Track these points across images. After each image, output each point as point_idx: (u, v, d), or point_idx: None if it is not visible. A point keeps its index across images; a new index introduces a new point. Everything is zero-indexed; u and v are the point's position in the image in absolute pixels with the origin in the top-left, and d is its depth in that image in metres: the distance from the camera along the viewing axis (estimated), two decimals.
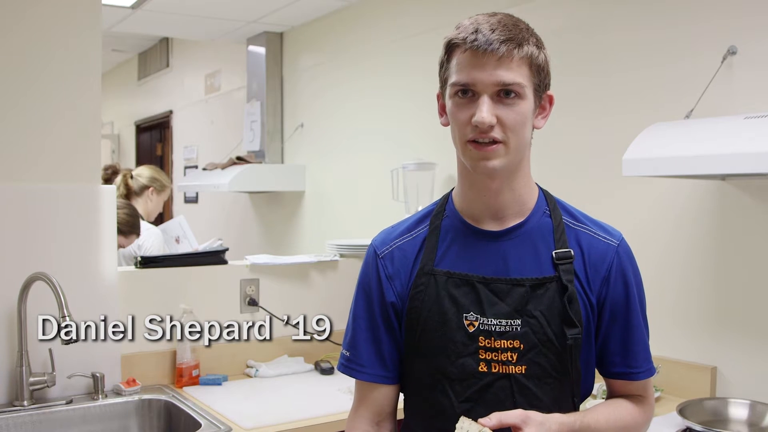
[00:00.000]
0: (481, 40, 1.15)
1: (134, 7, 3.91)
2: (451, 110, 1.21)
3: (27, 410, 2.11)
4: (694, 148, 1.88)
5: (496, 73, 1.15)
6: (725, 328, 2.20)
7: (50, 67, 2.24)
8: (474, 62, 1.16)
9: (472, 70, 1.16)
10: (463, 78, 1.17)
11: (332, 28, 3.98)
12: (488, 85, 1.15)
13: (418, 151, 3.25)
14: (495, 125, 1.16)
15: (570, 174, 2.60)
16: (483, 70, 1.15)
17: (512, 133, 1.18)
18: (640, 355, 1.27)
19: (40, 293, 2.11)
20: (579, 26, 2.60)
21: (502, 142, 1.17)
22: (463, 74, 1.17)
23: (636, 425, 1.28)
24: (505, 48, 1.15)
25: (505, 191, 1.25)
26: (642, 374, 1.27)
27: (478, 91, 1.16)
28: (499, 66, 1.15)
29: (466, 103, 1.18)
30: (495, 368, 1.21)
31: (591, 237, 1.28)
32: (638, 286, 1.29)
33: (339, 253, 2.96)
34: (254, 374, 2.59)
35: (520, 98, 1.17)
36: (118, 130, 7.27)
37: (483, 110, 1.15)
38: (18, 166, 2.20)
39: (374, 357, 1.29)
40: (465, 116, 1.17)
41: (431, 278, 1.25)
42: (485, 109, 1.15)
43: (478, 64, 1.16)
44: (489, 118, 1.15)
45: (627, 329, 1.26)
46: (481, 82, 1.15)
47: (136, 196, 3.62)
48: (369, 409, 1.31)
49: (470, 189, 1.27)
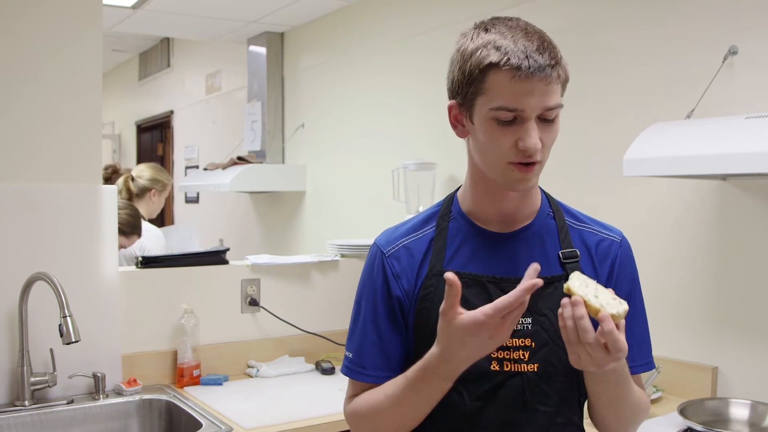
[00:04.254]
0: (534, 66, 1.12)
1: (135, 7, 3.91)
2: (489, 132, 1.18)
3: (28, 410, 2.11)
4: (695, 148, 1.88)
5: (544, 99, 1.14)
6: (726, 328, 2.19)
7: (51, 67, 2.24)
8: (524, 88, 1.13)
9: (521, 96, 1.13)
10: (512, 104, 1.13)
11: (333, 28, 3.98)
12: (535, 110, 1.14)
13: (419, 151, 3.25)
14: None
15: (571, 174, 2.60)
16: (532, 96, 1.13)
17: (547, 151, 1.19)
18: (644, 348, 1.30)
19: (41, 293, 2.11)
20: (580, 26, 2.61)
21: (540, 161, 1.18)
22: (511, 100, 1.13)
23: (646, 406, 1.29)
24: (554, 73, 1.14)
25: (522, 198, 1.27)
26: (639, 368, 1.29)
27: (525, 116, 1.14)
28: (547, 91, 1.14)
29: (509, 126, 1.16)
30: (507, 367, 1.22)
31: (594, 235, 1.30)
32: (639, 283, 1.33)
33: (340, 253, 2.96)
34: (255, 374, 2.59)
35: (557, 117, 1.18)
36: (119, 130, 7.27)
37: (533, 136, 1.14)
38: (19, 166, 2.20)
39: (379, 359, 1.28)
40: (510, 140, 1.16)
41: (441, 279, 1.25)
42: (535, 135, 1.14)
43: (527, 90, 1.13)
44: (539, 144, 1.15)
45: (632, 323, 1.27)
46: (530, 108, 1.14)
47: (138, 198, 3.62)
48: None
49: (485, 196, 1.27)
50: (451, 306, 1.08)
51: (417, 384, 1.16)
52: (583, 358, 1.06)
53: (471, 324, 1.07)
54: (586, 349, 1.04)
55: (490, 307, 1.06)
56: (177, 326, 2.49)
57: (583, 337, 1.03)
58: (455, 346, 1.10)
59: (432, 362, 1.13)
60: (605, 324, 1.02)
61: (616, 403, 1.21)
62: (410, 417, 1.21)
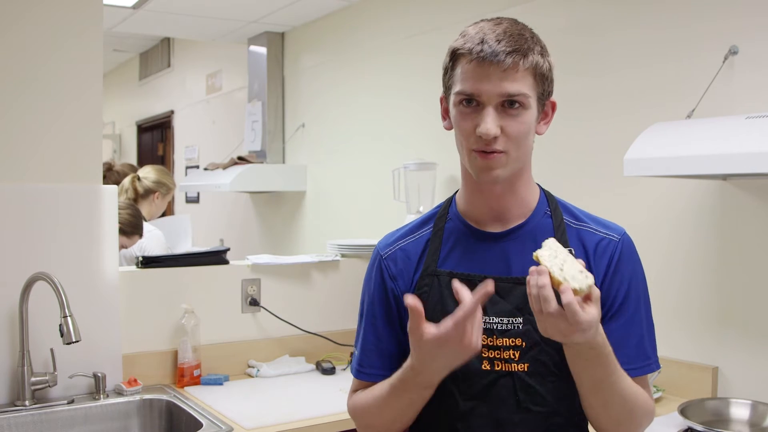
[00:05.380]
0: (486, 51, 1.15)
1: (135, 7, 3.91)
2: (455, 118, 1.22)
3: (28, 410, 2.11)
4: (696, 148, 1.88)
5: (501, 85, 1.15)
6: (727, 328, 2.19)
7: (51, 67, 2.24)
8: (479, 73, 1.16)
9: (477, 81, 1.16)
10: (468, 88, 1.17)
11: (333, 28, 3.98)
12: (493, 96, 1.16)
13: (419, 151, 3.25)
14: (499, 136, 1.17)
15: (571, 174, 2.60)
16: (488, 81, 1.16)
17: (515, 143, 1.19)
18: (641, 350, 1.27)
19: (41, 293, 2.12)
20: (580, 26, 2.60)
21: (504, 151, 1.18)
22: (468, 84, 1.17)
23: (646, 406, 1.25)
24: (510, 59, 1.15)
25: (508, 195, 1.27)
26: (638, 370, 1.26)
27: (483, 101, 1.17)
28: (505, 77, 1.15)
29: (470, 112, 1.18)
30: (498, 366, 1.23)
31: (593, 234, 1.30)
32: (641, 282, 1.30)
33: (340, 253, 2.96)
34: (255, 374, 2.59)
35: (524, 108, 1.18)
36: (120, 130, 7.27)
37: (488, 122, 1.16)
38: (19, 166, 2.20)
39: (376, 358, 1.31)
40: (469, 126, 1.19)
41: (435, 279, 1.27)
42: (490, 120, 1.16)
43: (483, 75, 1.16)
44: (494, 130, 1.16)
45: (630, 322, 1.26)
46: (486, 93, 1.16)
47: (142, 200, 3.62)
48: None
49: (474, 193, 1.29)
50: (416, 327, 1.11)
51: (398, 391, 1.21)
52: (548, 327, 1.07)
53: (436, 339, 1.10)
54: (549, 318, 1.05)
55: (450, 322, 1.09)
56: (177, 326, 2.49)
57: (545, 307, 1.05)
58: (427, 359, 1.14)
59: (408, 373, 1.18)
60: (564, 296, 1.03)
61: (601, 389, 1.17)
62: (396, 419, 1.26)
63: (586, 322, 1.04)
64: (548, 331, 1.08)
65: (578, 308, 1.04)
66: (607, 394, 1.18)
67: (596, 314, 1.06)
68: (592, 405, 1.22)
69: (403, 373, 1.19)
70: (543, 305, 1.05)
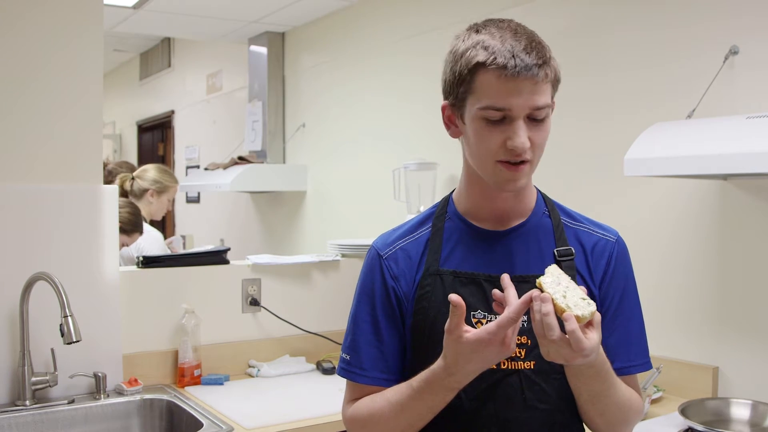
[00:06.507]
0: (520, 65, 1.13)
1: (136, 7, 3.91)
2: (478, 131, 1.19)
3: (29, 410, 2.11)
4: (696, 148, 1.88)
5: (532, 98, 1.15)
6: (727, 328, 2.19)
7: (52, 67, 2.24)
8: (511, 87, 1.14)
9: (508, 95, 1.14)
10: (499, 103, 1.15)
11: (334, 28, 3.98)
12: (524, 109, 1.15)
13: (420, 150, 3.25)
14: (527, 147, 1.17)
15: (571, 174, 2.60)
16: (519, 95, 1.14)
17: (538, 151, 1.20)
18: (641, 347, 1.29)
19: (41, 293, 2.12)
20: (580, 26, 2.60)
21: (530, 161, 1.19)
22: (498, 99, 1.15)
23: (638, 407, 1.29)
24: (542, 72, 1.14)
25: (515, 198, 1.28)
26: (633, 368, 1.28)
27: (513, 115, 1.15)
28: (535, 90, 1.15)
29: (498, 125, 1.17)
30: (504, 365, 1.22)
31: (590, 234, 1.31)
32: (635, 283, 1.33)
33: (341, 252, 2.97)
34: (256, 374, 2.59)
35: (547, 117, 1.19)
36: (120, 130, 7.27)
37: (521, 135, 1.15)
38: (20, 166, 2.20)
39: (376, 360, 1.29)
40: (499, 139, 1.17)
41: (437, 278, 1.26)
42: (522, 134, 1.15)
43: (514, 90, 1.14)
44: (528, 143, 1.16)
45: (627, 323, 1.28)
46: (517, 107, 1.15)
47: (137, 199, 3.57)
48: None
49: (480, 195, 1.29)
50: (456, 325, 1.10)
51: (422, 394, 1.18)
52: (551, 352, 1.08)
53: (476, 342, 1.09)
54: (553, 344, 1.06)
55: (494, 325, 1.08)
56: (178, 326, 2.49)
57: (548, 334, 1.06)
58: (462, 362, 1.12)
59: (438, 374, 1.15)
60: (568, 324, 1.04)
61: (599, 401, 1.20)
62: (412, 424, 1.22)
63: (589, 348, 1.06)
64: (551, 356, 1.08)
65: (581, 336, 1.05)
66: (603, 404, 1.21)
67: (598, 339, 1.08)
68: (588, 413, 1.24)
69: (432, 375, 1.16)
70: (546, 332, 1.06)
